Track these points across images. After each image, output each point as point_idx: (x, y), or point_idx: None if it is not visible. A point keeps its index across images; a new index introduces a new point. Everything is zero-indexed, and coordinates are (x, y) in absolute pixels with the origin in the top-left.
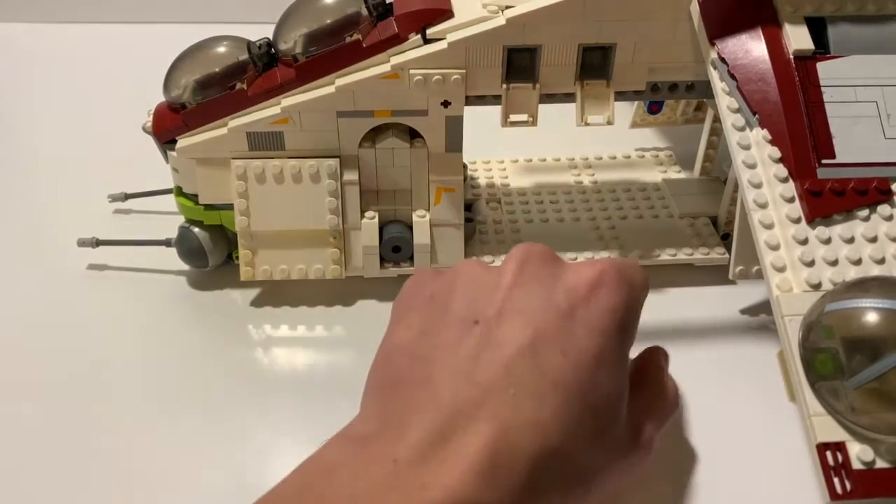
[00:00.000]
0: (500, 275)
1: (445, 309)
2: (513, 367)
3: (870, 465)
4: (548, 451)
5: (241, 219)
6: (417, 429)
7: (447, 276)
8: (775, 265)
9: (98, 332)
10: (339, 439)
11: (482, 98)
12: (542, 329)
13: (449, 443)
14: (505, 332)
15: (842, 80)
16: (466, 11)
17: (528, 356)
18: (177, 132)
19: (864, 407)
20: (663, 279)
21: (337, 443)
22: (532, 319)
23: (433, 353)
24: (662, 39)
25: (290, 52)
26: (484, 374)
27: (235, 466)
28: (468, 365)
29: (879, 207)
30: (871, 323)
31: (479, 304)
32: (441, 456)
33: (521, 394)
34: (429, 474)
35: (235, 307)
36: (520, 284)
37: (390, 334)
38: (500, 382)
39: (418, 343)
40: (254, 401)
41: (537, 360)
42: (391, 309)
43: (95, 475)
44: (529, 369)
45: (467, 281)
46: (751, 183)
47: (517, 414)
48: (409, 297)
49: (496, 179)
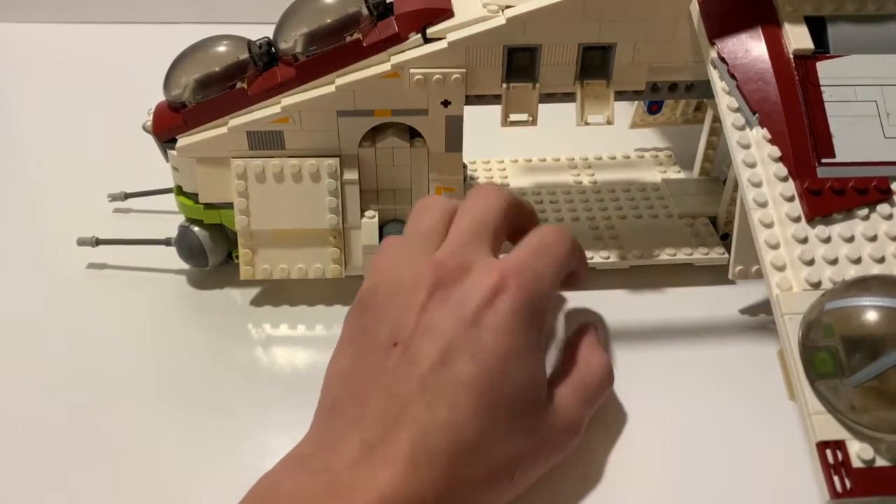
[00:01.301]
0: (415, 297)
1: (372, 338)
2: (427, 378)
3: (870, 464)
4: (464, 447)
5: (241, 218)
6: (348, 442)
7: (375, 307)
8: (775, 264)
9: (98, 332)
10: (284, 460)
11: (482, 97)
12: (452, 339)
13: (376, 450)
14: (418, 349)
15: (841, 79)
16: (467, 11)
17: (440, 366)
18: (177, 131)
19: (864, 405)
20: (663, 279)
21: (283, 463)
22: (442, 333)
23: (361, 375)
24: (662, 39)
25: (290, 52)
26: (403, 388)
27: (234, 465)
28: (389, 381)
29: (879, 206)
30: (871, 321)
31: (397, 330)
32: (370, 462)
33: (435, 400)
34: (360, 479)
35: (235, 306)
36: (431, 304)
37: (331, 364)
38: (417, 393)
39: (351, 370)
40: (253, 400)
41: (449, 368)
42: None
43: (95, 474)
44: (442, 377)
45: (390, 307)
46: (750, 182)
47: (433, 418)
48: (349, 328)
49: (496, 179)
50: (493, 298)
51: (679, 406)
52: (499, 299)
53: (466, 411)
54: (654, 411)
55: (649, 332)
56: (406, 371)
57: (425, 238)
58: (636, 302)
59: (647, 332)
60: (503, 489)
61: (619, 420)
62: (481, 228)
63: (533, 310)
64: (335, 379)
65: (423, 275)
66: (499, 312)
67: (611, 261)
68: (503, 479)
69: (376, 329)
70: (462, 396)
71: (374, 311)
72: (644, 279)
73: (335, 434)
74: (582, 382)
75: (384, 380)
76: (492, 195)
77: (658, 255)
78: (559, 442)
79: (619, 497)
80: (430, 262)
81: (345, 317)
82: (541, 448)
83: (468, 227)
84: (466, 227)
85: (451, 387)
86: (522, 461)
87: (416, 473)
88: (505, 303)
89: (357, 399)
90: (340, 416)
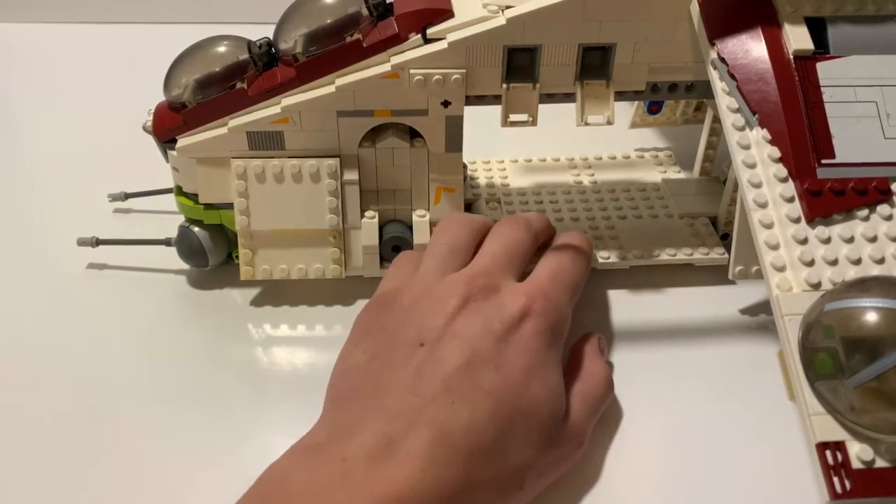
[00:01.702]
0: (445, 304)
1: (395, 336)
2: (451, 380)
3: (869, 465)
4: (482, 450)
5: (241, 218)
6: (366, 433)
7: (399, 308)
8: (775, 265)
9: (98, 332)
10: (292, 450)
11: (482, 98)
12: (478, 349)
13: (394, 444)
14: (445, 353)
15: (841, 80)
16: (467, 11)
17: (464, 372)
18: (177, 131)
19: (864, 406)
20: (663, 279)
21: (291, 453)
22: (470, 342)
23: (382, 371)
24: (662, 39)
25: (290, 52)
26: (426, 387)
27: (235, 465)
28: (412, 379)
29: (879, 207)
30: (871, 322)
31: (424, 331)
32: (388, 456)
33: (458, 402)
34: (376, 472)
35: (235, 306)
36: (461, 314)
37: (346, 357)
38: (440, 393)
39: (370, 365)
40: (253, 400)
41: (473, 374)
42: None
43: (95, 474)
44: (466, 382)
45: (416, 310)
46: (750, 182)
47: (454, 419)
48: (365, 323)
49: (496, 179)
50: (520, 321)
51: (679, 406)
52: (525, 322)
53: (486, 416)
54: (654, 411)
55: (649, 333)
56: (431, 371)
57: (454, 252)
58: (636, 302)
59: (647, 333)
60: (511, 497)
61: (618, 420)
62: (512, 258)
63: (553, 332)
64: (352, 371)
65: (455, 285)
66: (524, 332)
67: (611, 261)
68: (513, 487)
69: (401, 328)
70: (483, 402)
71: (398, 311)
72: (644, 279)
73: (350, 424)
74: (588, 393)
75: (407, 377)
76: (522, 229)
77: (658, 255)
78: (567, 452)
79: (617, 498)
80: (464, 275)
81: (358, 314)
82: (551, 456)
83: (499, 253)
84: (497, 253)
85: (474, 392)
86: (531, 470)
87: (433, 471)
88: (530, 325)
89: (377, 392)
90: (358, 407)
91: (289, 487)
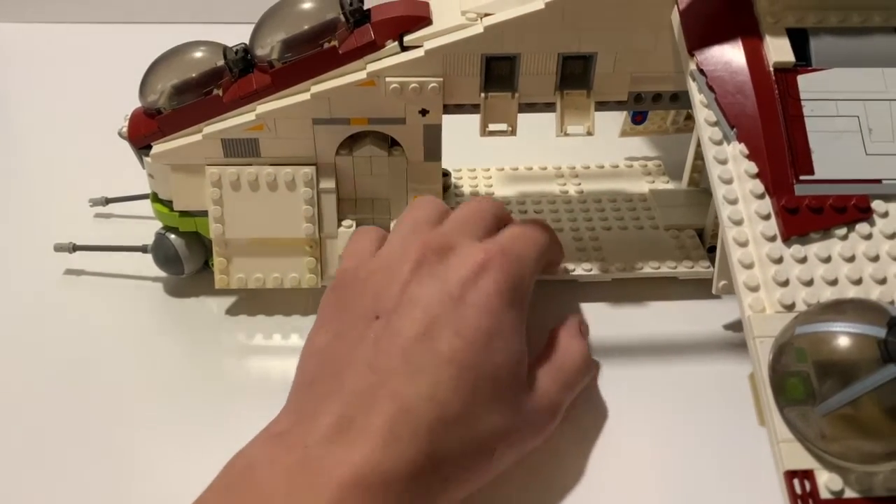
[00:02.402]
0: (398, 271)
1: (354, 312)
2: (410, 350)
3: (838, 495)
4: (445, 420)
5: (216, 226)
6: (326, 416)
7: (356, 282)
8: (748, 284)
9: (73, 338)
10: (257, 439)
11: (461, 107)
12: (436, 315)
13: (354, 423)
14: (402, 322)
15: (823, 93)
16: (445, 19)
17: (423, 340)
18: (152, 138)
19: (835, 434)
20: (646, 292)
21: (256, 442)
22: (426, 308)
23: (343, 349)
24: (644, 49)
25: (266, 58)
26: (384, 361)
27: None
28: (369, 354)
29: (858, 226)
30: (844, 347)
31: (379, 302)
32: (347, 437)
33: (417, 373)
34: (336, 454)
35: (211, 315)
36: (415, 279)
37: (310, 341)
38: (398, 366)
39: (332, 344)
40: (227, 409)
41: (432, 342)
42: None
43: (68, 482)
44: (425, 351)
45: (371, 282)
46: (726, 199)
47: (415, 390)
48: (327, 304)
49: (481, 188)
50: (477, 277)
51: (657, 423)
52: (482, 278)
53: (448, 385)
54: (632, 427)
55: (629, 348)
56: (388, 343)
57: (417, 225)
58: (616, 316)
59: (626, 348)
60: (481, 468)
61: (595, 434)
62: (473, 223)
63: (515, 290)
64: (312, 356)
65: (408, 250)
66: (482, 291)
67: (592, 273)
68: (482, 457)
69: (357, 303)
70: (444, 370)
71: (354, 287)
72: (626, 292)
73: (312, 409)
74: (561, 367)
75: (365, 353)
76: (487, 201)
77: (641, 267)
78: (538, 424)
79: None
80: (419, 239)
81: (322, 297)
82: (520, 428)
83: (459, 218)
84: (457, 218)
85: (434, 361)
86: (502, 440)
87: (394, 448)
88: (489, 281)
89: (336, 374)
90: (318, 391)
91: (253, 475)
